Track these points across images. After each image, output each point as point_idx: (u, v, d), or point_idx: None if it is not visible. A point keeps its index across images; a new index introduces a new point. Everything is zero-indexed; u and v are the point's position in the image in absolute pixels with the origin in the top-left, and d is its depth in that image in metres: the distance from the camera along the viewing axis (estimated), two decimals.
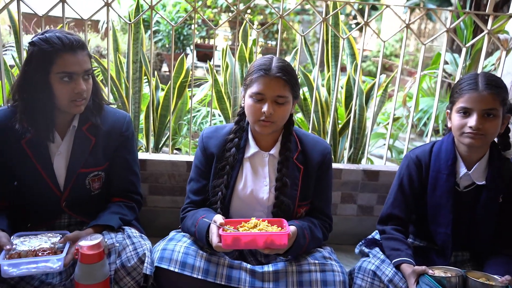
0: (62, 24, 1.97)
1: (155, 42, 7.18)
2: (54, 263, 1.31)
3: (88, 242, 1.29)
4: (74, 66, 1.43)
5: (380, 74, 2.34)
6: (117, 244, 1.46)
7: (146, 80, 2.71)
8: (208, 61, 2.97)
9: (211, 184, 1.60)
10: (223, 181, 1.56)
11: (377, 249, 1.67)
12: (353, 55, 2.65)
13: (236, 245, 1.35)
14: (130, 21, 2.17)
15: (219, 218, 1.42)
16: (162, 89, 2.84)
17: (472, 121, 1.46)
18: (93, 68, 1.55)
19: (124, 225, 1.60)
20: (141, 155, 2.14)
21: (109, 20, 2.08)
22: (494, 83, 1.47)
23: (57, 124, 1.55)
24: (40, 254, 1.34)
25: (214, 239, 1.37)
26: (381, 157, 4.11)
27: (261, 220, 1.45)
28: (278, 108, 1.48)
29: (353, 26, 8.51)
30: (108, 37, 2.10)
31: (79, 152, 1.58)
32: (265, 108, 1.46)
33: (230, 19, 2.20)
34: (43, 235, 1.44)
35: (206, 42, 8.83)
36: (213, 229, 1.39)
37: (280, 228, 1.42)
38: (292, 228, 1.42)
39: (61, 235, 1.45)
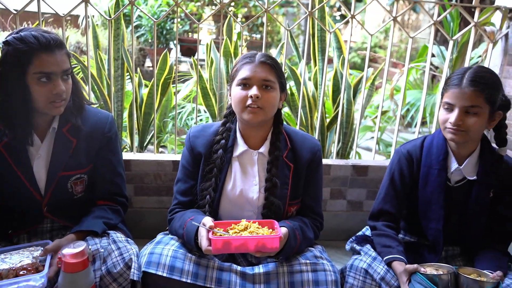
0: (38, 21, 1.89)
1: (138, 37, 7.06)
2: (37, 281, 1.25)
3: (71, 250, 1.24)
4: (52, 66, 1.37)
5: (367, 67, 2.32)
6: (102, 250, 1.42)
7: (129, 77, 2.64)
8: (192, 57, 2.91)
9: (199, 187, 1.56)
10: (211, 184, 1.52)
11: (368, 246, 1.65)
12: (339, 49, 2.63)
13: (226, 249, 1.32)
14: (110, 17, 2.10)
15: (208, 221, 1.38)
16: (146, 86, 2.77)
17: (452, 117, 1.46)
18: (73, 65, 1.48)
19: (109, 229, 1.55)
20: (125, 155, 2.08)
21: (87, 16, 2.00)
22: (479, 79, 1.44)
23: (35, 126, 1.49)
24: (21, 273, 1.28)
25: (203, 243, 1.33)
26: (368, 149, 4.12)
27: (251, 222, 1.42)
28: (265, 93, 1.45)
29: (338, 18, 8.50)
30: (87, 35, 2.02)
31: (59, 154, 1.52)
32: (251, 91, 1.43)
33: (214, 13, 2.14)
34: (25, 250, 1.38)
35: (190, 36, 8.73)
36: (202, 232, 1.36)
37: (271, 230, 1.39)
38: (284, 230, 1.39)
39: (42, 248, 1.39)
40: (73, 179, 1.56)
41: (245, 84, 1.46)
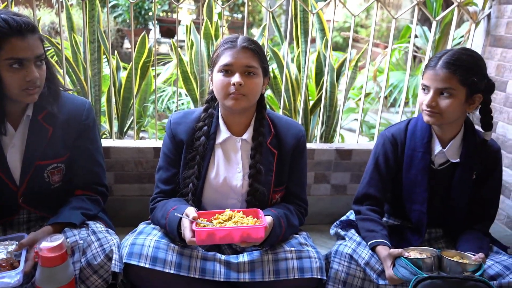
0: (6, 2, 1.78)
1: (115, 18, 6.84)
2: (11, 278, 1.20)
3: (49, 243, 1.19)
4: (24, 52, 1.29)
5: (350, 48, 2.28)
6: (81, 241, 1.38)
7: (106, 60, 2.55)
8: (171, 39, 2.83)
9: (182, 176, 1.52)
10: (194, 172, 1.49)
11: (352, 231, 1.65)
12: (322, 30, 2.58)
13: (211, 240, 1.29)
14: None
15: (191, 211, 1.34)
16: (125, 68, 2.68)
17: (426, 98, 1.46)
18: (47, 48, 1.41)
19: (88, 219, 1.50)
20: (105, 143, 2.02)
21: None
22: (454, 61, 1.42)
23: (8, 114, 1.42)
24: None
25: (187, 234, 1.30)
26: (351, 130, 4.13)
27: (236, 212, 1.39)
28: (248, 79, 1.41)
29: None
30: (60, 17, 1.92)
31: (35, 143, 1.46)
32: (234, 78, 1.39)
33: None
34: None
35: (169, 16, 8.52)
36: (186, 223, 1.32)
37: (256, 219, 1.37)
38: (268, 219, 1.37)
39: (17, 242, 1.34)
40: (50, 169, 1.50)
41: (227, 70, 1.41)
